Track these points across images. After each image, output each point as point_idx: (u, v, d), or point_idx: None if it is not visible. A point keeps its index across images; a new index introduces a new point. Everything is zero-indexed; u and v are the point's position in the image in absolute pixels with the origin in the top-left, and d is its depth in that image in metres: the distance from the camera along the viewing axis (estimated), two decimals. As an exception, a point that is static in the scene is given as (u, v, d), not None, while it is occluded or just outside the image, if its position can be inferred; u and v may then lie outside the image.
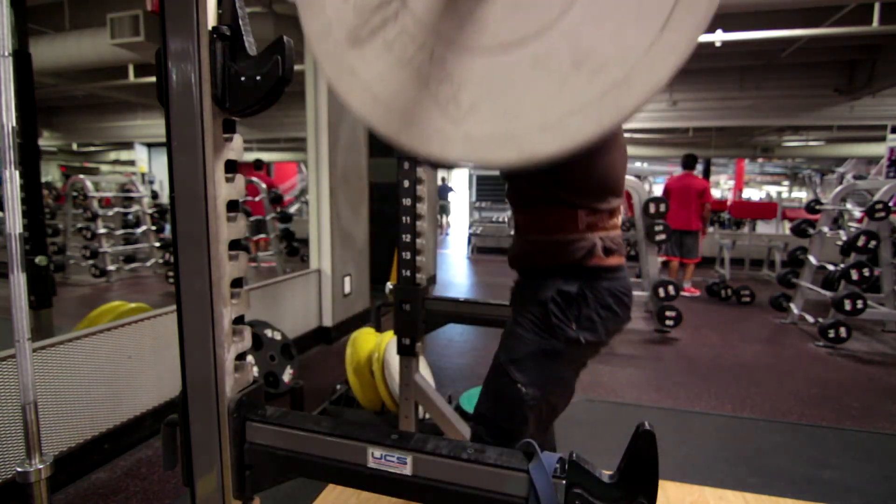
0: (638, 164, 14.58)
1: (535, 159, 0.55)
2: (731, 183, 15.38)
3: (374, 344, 2.26)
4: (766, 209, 7.03)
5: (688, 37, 0.48)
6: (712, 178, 13.84)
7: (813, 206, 4.35)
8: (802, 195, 14.89)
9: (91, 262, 5.71)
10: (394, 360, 2.08)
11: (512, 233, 1.24)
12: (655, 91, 0.51)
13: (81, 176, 5.95)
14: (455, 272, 7.31)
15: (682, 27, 0.48)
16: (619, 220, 1.14)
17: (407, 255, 1.76)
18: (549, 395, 1.10)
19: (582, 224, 1.06)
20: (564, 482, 0.66)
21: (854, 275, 3.58)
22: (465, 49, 0.55)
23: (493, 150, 0.56)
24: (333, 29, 0.61)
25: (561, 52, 0.51)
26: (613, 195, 1.10)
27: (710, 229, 8.88)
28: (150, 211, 6.33)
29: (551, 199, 1.07)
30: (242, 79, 0.72)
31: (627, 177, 4.87)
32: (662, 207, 3.91)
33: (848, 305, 3.54)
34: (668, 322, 3.82)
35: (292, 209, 6.74)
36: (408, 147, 0.60)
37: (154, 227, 6.34)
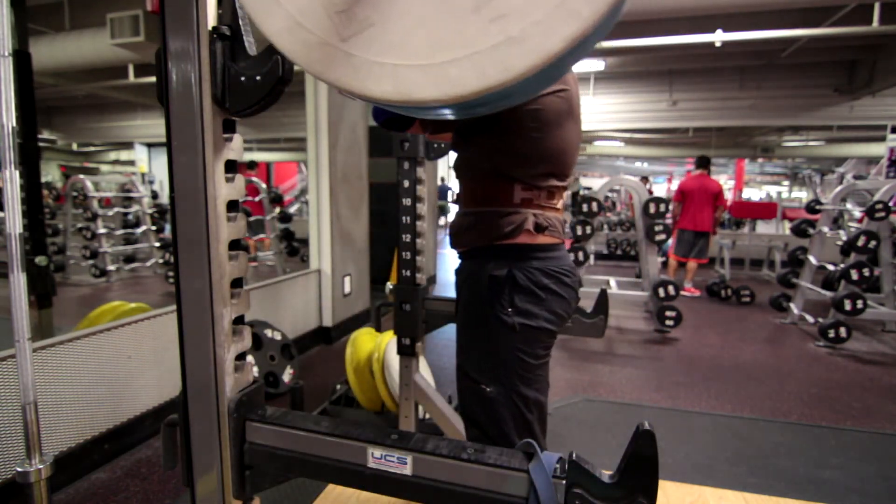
0: (638, 163, 14.59)
1: (411, 100, 0.52)
2: (731, 183, 15.39)
3: (374, 344, 2.26)
4: (766, 209, 7.03)
5: (593, 6, 0.45)
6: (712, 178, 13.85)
7: (813, 206, 4.35)
8: (802, 195, 14.90)
9: (91, 262, 5.71)
10: (394, 360, 2.08)
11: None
12: (546, 58, 0.47)
13: (81, 176, 5.95)
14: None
15: None
16: (559, 203, 1.11)
17: (407, 255, 1.76)
18: (516, 389, 1.02)
19: (517, 198, 1.04)
20: (564, 482, 0.66)
21: (854, 275, 3.58)
22: None
23: (373, 79, 0.52)
24: None
25: None
26: (556, 176, 1.06)
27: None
28: (150, 211, 6.33)
29: (491, 169, 1.05)
30: (242, 79, 0.72)
31: (628, 177, 4.87)
32: (662, 207, 3.91)
33: (848, 305, 3.54)
34: (668, 322, 3.82)
35: (292, 209, 6.74)
36: (337, 83, 0.56)
37: (154, 227, 6.34)
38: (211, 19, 0.71)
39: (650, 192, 5.38)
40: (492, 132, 1.01)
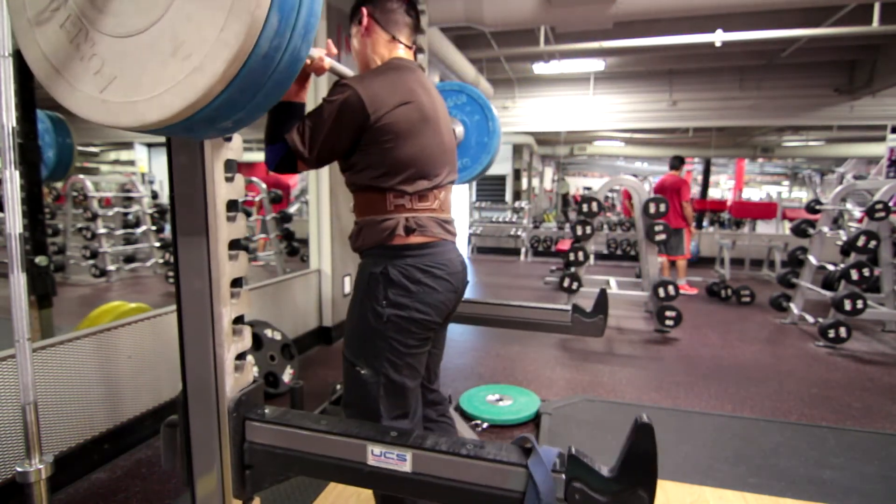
0: (637, 163, 14.58)
1: (146, 124, 0.68)
2: (732, 183, 15.37)
3: (373, 344, 2.26)
4: (766, 209, 7.03)
5: (235, 35, 0.62)
6: (712, 178, 13.82)
7: (813, 206, 4.35)
8: (802, 195, 14.89)
9: (91, 262, 5.70)
10: (394, 360, 2.08)
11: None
12: (220, 76, 0.63)
13: (81, 176, 5.95)
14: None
15: (232, 28, 0.62)
16: (434, 203, 1.23)
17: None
18: (386, 373, 1.15)
19: (390, 206, 1.17)
20: (564, 476, 0.66)
21: (854, 275, 3.58)
22: (106, 33, 0.68)
23: (122, 114, 0.68)
24: (26, 8, 0.73)
25: (164, 41, 0.65)
26: (423, 179, 1.19)
27: (711, 229, 8.89)
28: (150, 211, 6.32)
29: (366, 184, 1.17)
30: (242, 78, 0.72)
31: (627, 177, 4.87)
32: (662, 207, 3.91)
33: (848, 305, 3.54)
34: (668, 322, 3.82)
35: (292, 209, 6.73)
36: (73, 111, 0.72)
37: (154, 227, 6.33)
38: (210, 19, 0.71)
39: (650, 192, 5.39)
40: (359, 152, 1.14)
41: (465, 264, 1.30)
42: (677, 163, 5.42)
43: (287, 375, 2.75)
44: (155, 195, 8.79)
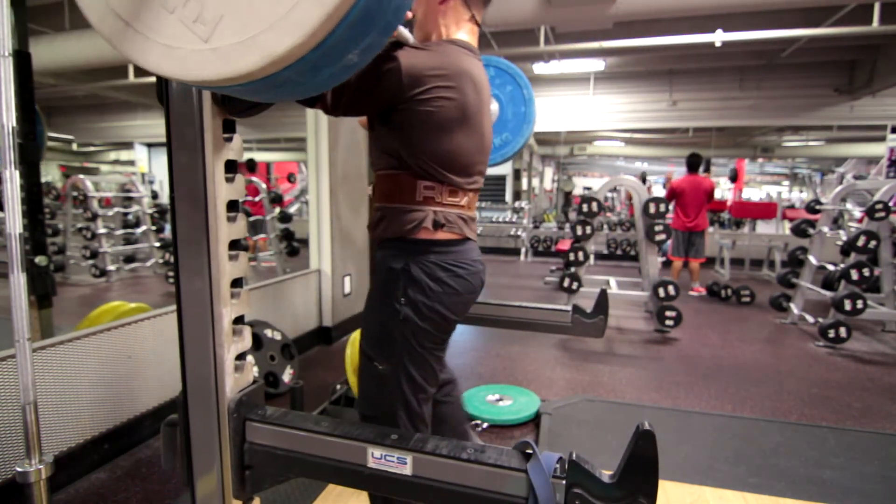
0: (638, 163, 14.58)
1: (275, 59, 0.57)
2: (731, 183, 15.36)
3: (374, 344, 2.26)
4: (766, 209, 7.03)
5: None
6: (712, 179, 13.83)
7: (813, 206, 4.35)
8: (802, 195, 14.89)
9: (91, 262, 5.71)
10: (394, 360, 2.08)
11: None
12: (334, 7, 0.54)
13: (81, 176, 5.95)
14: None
15: None
16: (464, 200, 1.16)
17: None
18: (406, 371, 1.10)
19: (419, 196, 1.09)
20: (564, 482, 0.66)
21: (854, 275, 3.58)
22: None
23: (240, 57, 0.58)
24: None
25: None
26: (456, 175, 1.11)
27: (711, 229, 8.90)
28: (150, 211, 6.33)
29: (397, 164, 1.09)
30: (242, 79, 0.71)
31: (628, 177, 4.87)
32: (662, 207, 3.90)
33: (848, 305, 3.54)
34: (668, 322, 3.82)
35: (292, 209, 6.73)
36: (175, 75, 0.61)
37: (154, 227, 6.33)
38: (211, 19, 0.70)
39: (649, 191, 5.38)
40: (396, 127, 1.06)
41: (484, 264, 1.25)
42: (698, 162, 5.16)
43: (287, 375, 2.75)
44: (155, 195, 8.80)
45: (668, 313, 3.81)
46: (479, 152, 1.17)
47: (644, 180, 8.65)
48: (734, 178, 5.17)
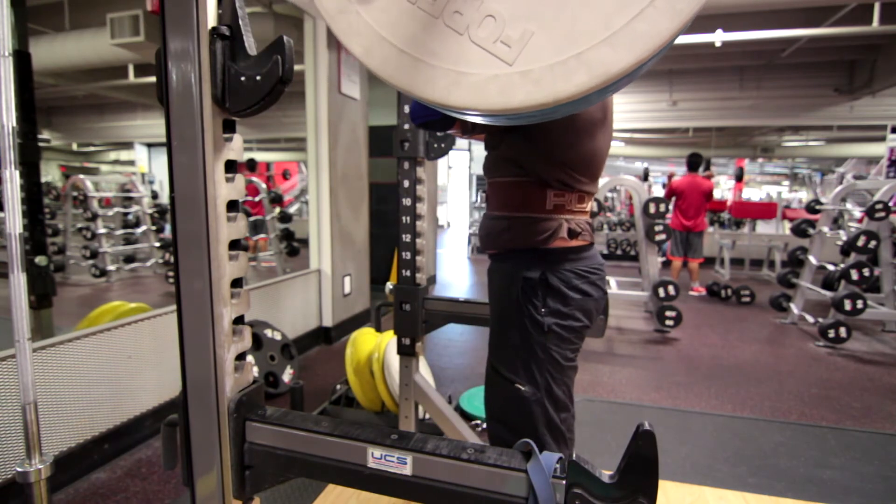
0: (638, 163, 14.58)
1: (611, 76, 0.49)
2: (732, 183, 15.37)
3: (374, 344, 2.26)
4: (766, 209, 7.03)
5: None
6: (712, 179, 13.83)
7: (813, 206, 4.35)
8: (802, 195, 14.90)
9: (91, 262, 5.71)
10: (394, 360, 2.08)
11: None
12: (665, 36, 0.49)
13: (81, 176, 5.95)
14: (455, 272, 7.31)
15: None
16: (588, 206, 1.13)
17: (407, 255, 1.76)
18: (549, 390, 1.07)
19: (549, 204, 1.05)
20: (564, 482, 0.66)
21: (854, 275, 3.58)
22: None
23: (560, 79, 0.49)
24: None
25: None
26: (587, 181, 1.08)
27: (711, 229, 8.89)
28: (150, 211, 6.33)
29: (524, 173, 1.05)
30: (242, 79, 0.72)
31: (627, 177, 4.87)
32: (662, 207, 3.91)
33: (848, 305, 3.54)
34: (668, 322, 3.82)
35: (292, 209, 6.73)
36: (461, 105, 0.54)
37: (154, 227, 6.33)
38: (211, 19, 0.70)
39: (650, 190, 5.38)
40: (527, 134, 1.02)
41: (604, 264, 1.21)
42: (698, 162, 5.17)
43: (287, 375, 2.75)
44: (155, 195, 8.80)
45: (668, 313, 3.81)
46: (605, 154, 1.14)
47: (646, 177, 8.63)
48: (740, 177, 5.15)
